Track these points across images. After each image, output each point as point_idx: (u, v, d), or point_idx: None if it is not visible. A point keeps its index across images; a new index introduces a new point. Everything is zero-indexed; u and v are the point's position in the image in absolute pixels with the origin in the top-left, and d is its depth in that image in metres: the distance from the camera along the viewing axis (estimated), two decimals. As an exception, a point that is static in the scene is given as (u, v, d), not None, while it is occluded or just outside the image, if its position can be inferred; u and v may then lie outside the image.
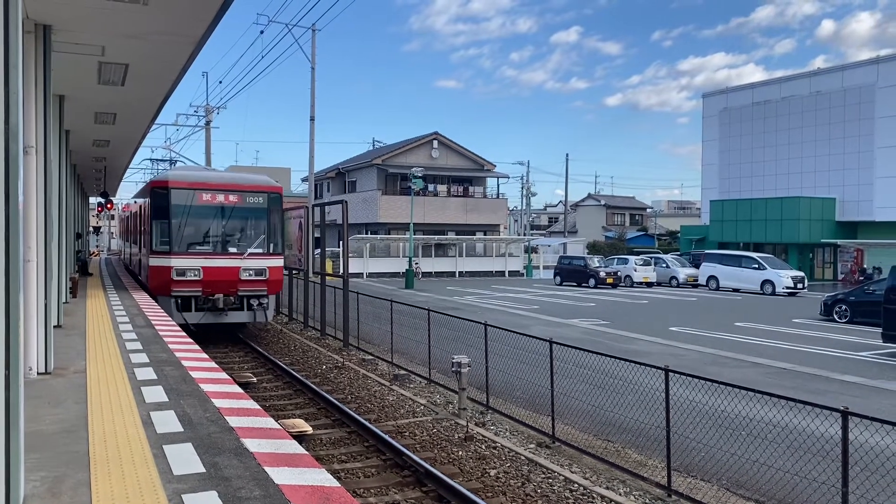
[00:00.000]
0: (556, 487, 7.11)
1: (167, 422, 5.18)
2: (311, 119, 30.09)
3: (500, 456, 8.09)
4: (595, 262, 36.30)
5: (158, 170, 36.49)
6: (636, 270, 35.93)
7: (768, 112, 45.78)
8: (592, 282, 34.39)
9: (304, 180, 50.71)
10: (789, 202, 40.97)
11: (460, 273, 43.55)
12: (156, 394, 6.10)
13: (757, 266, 32.20)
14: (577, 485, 7.15)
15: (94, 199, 36.82)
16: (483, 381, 10.26)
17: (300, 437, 7.61)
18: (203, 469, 4.12)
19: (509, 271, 45.40)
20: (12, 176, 3.25)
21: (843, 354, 15.04)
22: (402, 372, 12.54)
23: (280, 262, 16.12)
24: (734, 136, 47.88)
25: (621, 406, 8.36)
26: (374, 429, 8.69)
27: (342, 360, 14.02)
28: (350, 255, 22.60)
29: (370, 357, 14.35)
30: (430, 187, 46.67)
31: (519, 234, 57.41)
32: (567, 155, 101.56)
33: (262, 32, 44.72)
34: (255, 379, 11.62)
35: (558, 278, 37.19)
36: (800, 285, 31.23)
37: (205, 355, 8.36)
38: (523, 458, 7.99)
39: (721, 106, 49.01)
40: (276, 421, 5.71)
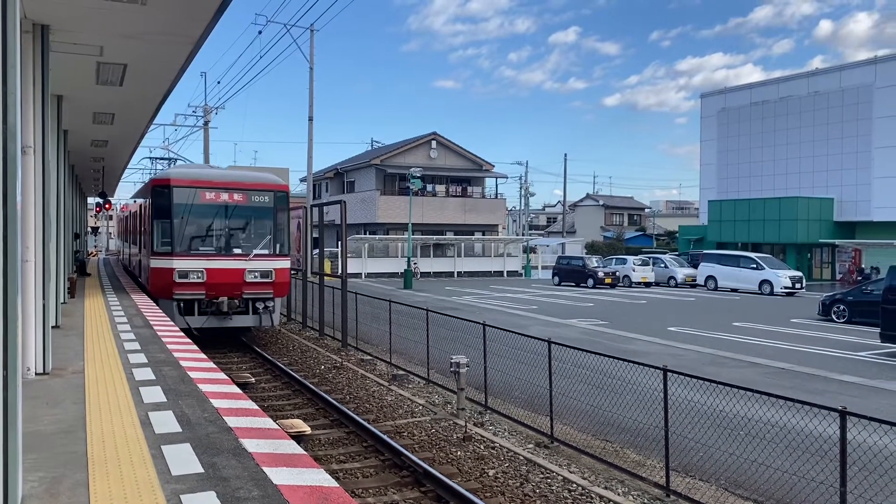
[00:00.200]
0: (554, 487, 7.11)
1: (165, 422, 5.18)
2: (310, 119, 30.10)
3: (499, 456, 8.09)
4: (593, 262, 36.33)
5: (156, 169, 36.45)
6: (634, 270, 35.95)
7: (766, 112, 45.83)
8: (591, 282, 34.41)
9: (302, 180, 50.66)
10: (787, 202, 41.02)
11: (459, 273, 43.55)
12: (154, 394, 6.10)
13: (755, 266, 32.24)
14: (575, 485, 7.15)
15: (92, 200, 36.80)
16: (482, 381, 10.26)
17: (299, 438, 7.61)
18: (201, 469, 4.12)
19: (508, 271, 45.42)
20: (10, 176, 3.25)
21: (842, 354, 15.06)
22: (401, 372, 12.54)
23: (287, 263, 15.48)
24: (732, 136, 47.93)
25: (620, 406, 8.36)
26: (373, 429, 8.68)
27: (341, 360, 14.02)
28: (348, 255, 22.58)
29: (369, 357, 14.35)
30: (429, 187, 46.68)
31: (517, 235, 57.42)
32: (565, 155, 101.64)
33: (260, 32, 44.87)
34: (253, 379, 11.61)
35: (557, 278, 37.21)
36: (798, 285, 31.26)
37: (203, 356, 8.36)
38: (522, 458, 7.99)
39: (719, 106, 49.06)
40: (275, 421, 5.71)
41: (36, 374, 6.84)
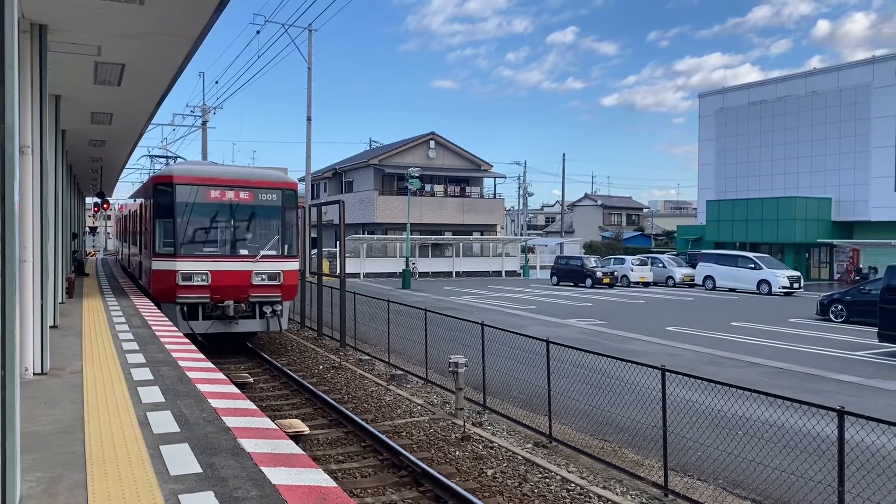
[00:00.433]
0: (553, 487, 7.12)
1: (164, 422, 5.17)
2: (308, 119, 30.08)
3: (497, 456, 8.09)
4: (592, 262, 36.35)
5: (154, 169, 36.38)
6: (633, 270, 35.97)
7: (764, 112, 45.87)
8: (589, 282, 34.42)
9: (300, 180, 50.60)
10: (785, 202, 41.06)
11: (457, 273, 43.55)
12: (152, 394, 6.09)
13: (753, 266, 32.27)
14: (573, 484, 7.16)
15: (90, 200, 36.75)
16: (480, 380, 10.27)
17: (297, 438, 7.61)
18: (200, 469, 4.11)
19: (506, 271, 45.44)
20: (8, 176, 3.24)
21: (840, 354, 15.08)
22: (399, 372, 12.54)
23: (295, 265, 14.73)
24: (730, 136, 47.96)
25: (618, 406, 8.37)
26: (371, 429, 8.68)
27: (339, 360, 14.02)
28: (347, 255, 22.58)
29: (367, 357, 14.35)
30: (427, 187, 46.66)
31: (516, 234, 57.42)
32: (564, 155, 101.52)
33: (258, 32, 44.82)
34: (251, 379, 11.61)
35: (555, 278, 37.22)
36: (796, 285, 31.31)
37: (201, 356, 8.35)
38: (520, 457, 8.00)
39: (717, 106, 49.09)
40: (273, 421, 5.71)
41: (34, 374, 6.83)
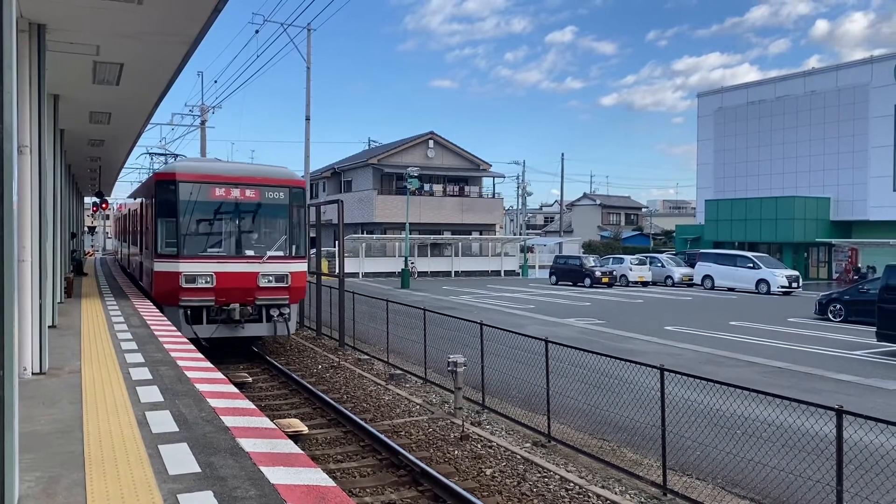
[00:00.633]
0: (551, 486, 7.12)
1: (162, 422, 5.17)
2: (307, 119, 30.06)
3: (496, 455, 8.09)
4: (591, 261, 36.36)
5: (153, 168, 36.31)
6: (632, 270, 35.98)
7: (763, 112, 45.89)
8: (588, 281, 34.43)
9: (300, 180, 50.63)
10: (784, 202, 41.08)
11: (456, 273, 43.55)
12: (151, 394, 6.09)
13: (752, 265, 32.30)
14: (572, 484, 7.16)
15: (89, 199, 36.72)
16: (479, 380, 10.27)
17: (296, 437, 7.61)
18: (198, 469, 4.11)
19: (505, 271, 45.44)
20: (7, 175, 3.24)
21: (838, 353, 15.09)
22: (398, 371, 12.54)
23: (303, 266, 14.10)
24: (729, 135, 47.98)
25: (617, 405, 8.37)
26: (370, 428, 8.68)
27: (338, 359, 14.02)
28: (346, 254, 22.58)
29: (366, 357, 14.35)
30: (426, 187, 46.67)
31: (515, 234, 57.43)
32: (562, 154, 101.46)
33: (257, 32, 44.81)
34: (250, 379, 11.60)
35: (554, 278, 37.22)
36: (794, 284, 31.34)
37: (200, 355, 8.35)
38: (519, 457, 8.00)
39: (716, 106, 49.11)
40: (272, 420, 5.71)
41: (32, 373, 6.83)
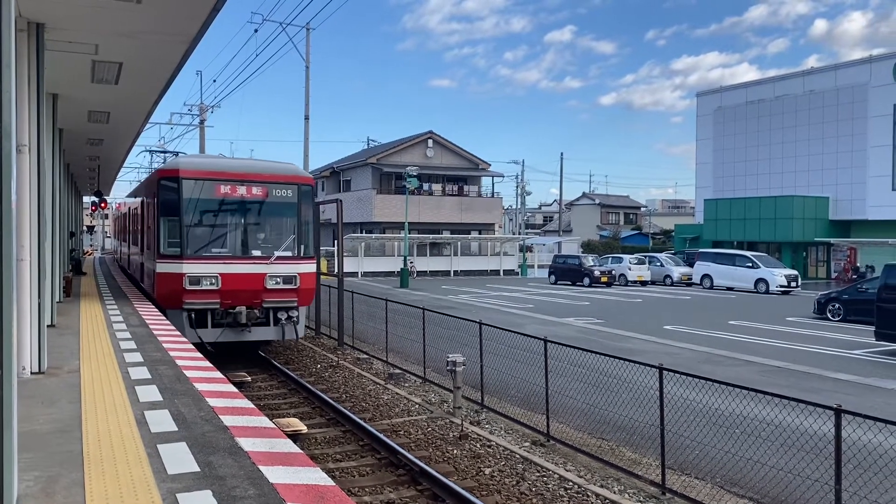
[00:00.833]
0: (550, 486, 7.12)
1: (161, 421, 5.17)
2: (306, 118, 30.04)
3: (495, 454, 8.10)
4: (590, 260, 36.37)
5: (152, 168, 36.26)
6: (630, 269, 35.99)
7: (762, 111, 45.90)
8: (587, 280, 34.44)
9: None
10: (783, 201, 41.10)
11: (455, 272, 43.55)
12: (150, 393, 6.09)
13: (751, 265, 32.31)
14: (571, 483, 7.17)
15: (87, 198, 36.68)
16: (478, 379, 10.27)
17: (295, 436, 7.61)
18: (197, 468, 4.11)
19: (504, 270, 45.45)
20: (5, 175, 3.24)
21: (837, 352, 15.10)
22: (397, 371, 12.54)
23: (312, 267, 13.58)
24: (728, 134, 47.99)
25: (616, 404, 8.38)
26: (369, 427, 8.69)
27: (337, 359, 14.02)
28: (345, 254, 22.58)
29: (365, 356, 14.35)
30: (425, 186, 46.67)
31: (514, 233, 57.44)
32: (561, 154, 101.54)
33: (256, 31, 44.68)
34: (249, 378, 11.60)
35: (553, 277, 37.23)
36: (793, 284, 31.35)
37: (199, 354, 8.34)
38: (518, 456, 8.00)
39: (715, 105, 49.12)
40: (271, 420, 5.70)
41: (31, 373, 6.82)
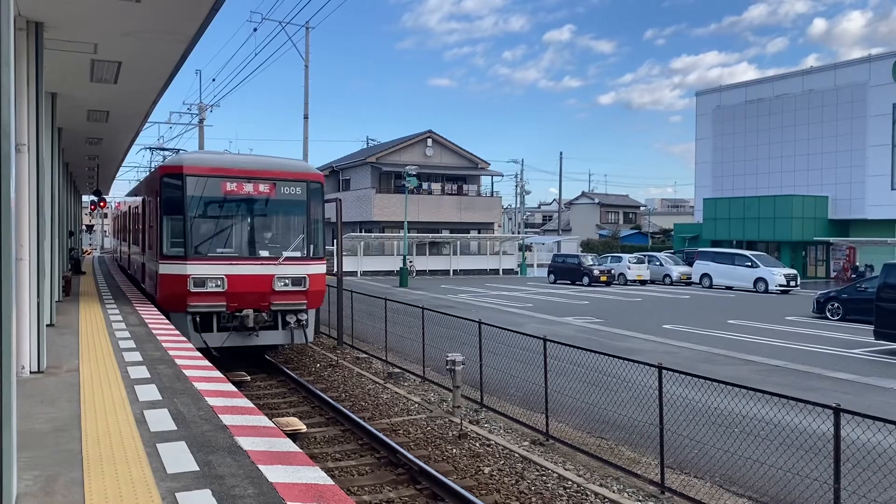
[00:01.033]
0: (549, 485, 7.13)
1: (161, 420, 5.17)
2: (305, 117, 30.03)
3: (494, 453, 8.10)
4: (589, 260, 36.38)
5: (152, 164, 36.20)
6: (630, 268, 36.00)
7: (761, 110, 45.91)
8: (586, 280, 34.44)
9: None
10: (782, 200, 41.12)
11: (454, 271, 43.55)
12: (149, 392, 6.09)
13: (750, 264, 32.32)
14: (570, 482, 7.17)
15: (87, 197, 36.66)
16: (477, 378, 10.27)
17: (294, 436, 7.61)
18: (197, 467, 4.11)
19: (503, 269, 45.45)
20: (4, 174, 3.24)
21: (836, 352, 15.12)
22: (397, 370, 12.54)
23: (322, 268, 12.92)
24: (727, 134, 48.00)
25: (615, 403, 8.39)
26: (369, 427, 8.69)
27: (336, 358, 14.02)
28: (344, 253, 22.56)
29: (364, 355, 14.35)
30: (425, 185, 46.67)
31: (513, 233, 57.44)
32: (561, 153, 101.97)
33: (255, 30, 44.57)
34: (248, 377, 11.61)
35: (552, 276, 37.23)
36: (792, 283, 31.37)
37: (198, 354, 8.34)
38: (517, 455, 8.01)
39: (714, 104, 49.13)
40: (270, 419, 5.71)
41: (31, 372, 6.82)
